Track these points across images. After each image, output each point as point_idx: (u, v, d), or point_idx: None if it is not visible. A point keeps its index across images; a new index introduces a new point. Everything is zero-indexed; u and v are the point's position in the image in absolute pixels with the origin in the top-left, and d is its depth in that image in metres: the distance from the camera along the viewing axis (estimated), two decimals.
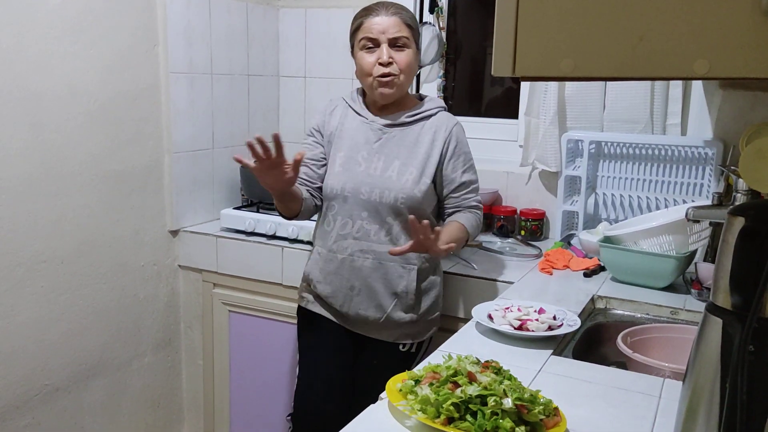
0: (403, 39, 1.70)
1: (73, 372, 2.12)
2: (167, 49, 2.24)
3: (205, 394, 2.52)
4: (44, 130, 1.93)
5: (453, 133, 1.76)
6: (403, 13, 1.73)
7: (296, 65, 2.75)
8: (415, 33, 1.74)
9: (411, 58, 1.72)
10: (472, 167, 1.81)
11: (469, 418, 0.99)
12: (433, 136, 1.76)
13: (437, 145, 1.75)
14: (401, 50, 1.71)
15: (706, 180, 2.10)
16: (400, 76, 1.71)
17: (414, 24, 1.74)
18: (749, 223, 0.79)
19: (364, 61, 1.72)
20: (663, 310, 1.68)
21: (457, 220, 1.75)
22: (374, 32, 1.69)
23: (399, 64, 1.70)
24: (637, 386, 1.22)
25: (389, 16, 1.70)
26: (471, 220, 1.77)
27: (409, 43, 1.72)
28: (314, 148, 1.83)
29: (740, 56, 0.59)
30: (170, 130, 2.30)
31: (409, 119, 1.77)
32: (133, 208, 2.24)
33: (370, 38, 1.70)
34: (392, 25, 1.69)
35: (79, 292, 2.10)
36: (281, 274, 2.25)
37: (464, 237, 1.73)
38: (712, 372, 0.83)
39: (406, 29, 1.71)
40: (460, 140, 1.78)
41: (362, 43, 1.72)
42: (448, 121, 1.78)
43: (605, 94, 2.22)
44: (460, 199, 1.79)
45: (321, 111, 1.87)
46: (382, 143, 1.76)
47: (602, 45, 0.63)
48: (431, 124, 1.77)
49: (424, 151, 1.74)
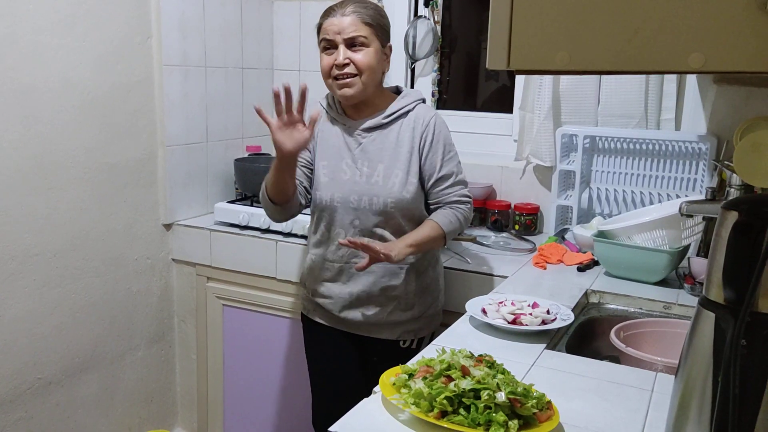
0: (360, 38, 1.65)
1: (66, 366, 2.11)
2: (161, 41, 2.22)
3: (198, 387, 2.52)
4: (36, 123, 1.91)
5: (429, 125, 1.72)
6: (362, 11, 1.66)
7: (291, 58, 2.74)
8: (377, 30, 1.68)
9: (370, 57, 1.67)
10: (453, 159, 1.75)
11: (463, 411, 1.00)
12: (412, 132, 1.72)
13: (417, 142, 1.71)
14: (359, 50, 1.66)
15: (700, 175, 2.11)
16: (360, 76, 1.67)
17: (376, 21, 1.68)
18: (742, 218, 0.79)
19: (323, 63, 1.69)
20: (656, 305, 1.69)
21: (432, 219, 1.72)
22: (330, 33, 1.66)
23: (357, 63, 1.66)
24: (629, 380, 1.23)
25: (345, 15, 1.65)
26: (448, 217, 1.71)
27: (367, 42, 1.66)
28: (306, 154, 1.80)
29: (735, 50, 0.59)
30: (164, 123, 2.28)
31: (386, 120, 1.73)
32: (127, 201, 2.23)
33: (328, 39, 1.67)
34: (348, 24, 1.65)
35: (71, 285, 2.09)
36: (275, 267, 2.24)
37: (436, 235, 1.69)
38: (704, 366, 0.84)
39: (364, 28, 1.66)
40: (437, 131, 1.73)
41: (322, 44, 1.69)
42: (425, 114, 1.74)
43: (600, 89, 2.22)
44: (440, 194, 1.74)
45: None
46: (363, 148, 1.73)
47: (597, 38, 0.63)
48: (410, 120, 1.73)
49: (407, 150, 1.71)
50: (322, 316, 1.85)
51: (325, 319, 1.84)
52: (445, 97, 2.69)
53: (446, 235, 1.72)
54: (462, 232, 1.84)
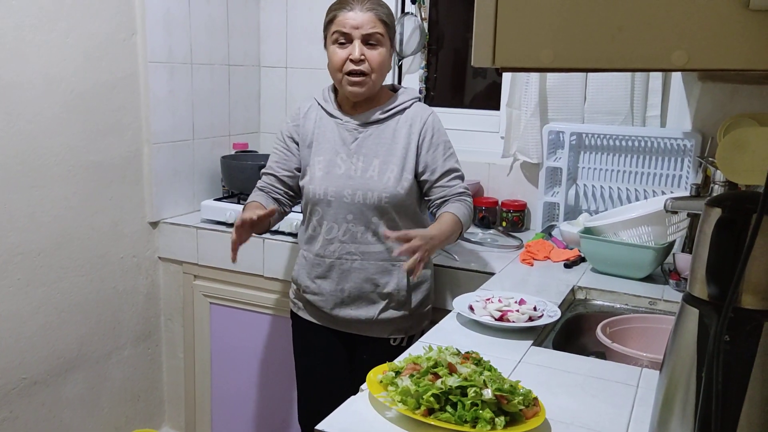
0: (377, 36, 1.66)
1: (52, 365, 2.10)
2: (146, 38, 2.21)
3: (186, 386, 2.50)
4: (20, 121, 1.89)
5: (428, 123, 1.73)
6: (379, 9, 1.67)
7: (277, 55, 2.73)
8: (390, 30, 1.70)
9: (384, 57, 1.68)
10: (453, 156, 1.76)
11: (449, 409, 1.00)
12: (409, 129, 1.72)
13: (414, 139, 1.72)
14: (374, 48, 1.66)
15: (685, 171, 2.12)
16: (371, 75, 1.67)
17: (390, 21, 1.70)
18: (726, 214, 0.79)
19: (335, 56, 1.67)
20: (642, 301, 1.70)
21: (448, 211, 1.69)
22: (347, 27, 1.64)
23: (371, 62, 1.66)
24: (615, 376, 1.23)
25: (364, 11, 1.64)
26: (461, 209, 1.69)
27: (383, 40, 1.67)
28: (287, 159, 1.81)
29: (719, 48, 0.59)
30: (149, 121, 2.27)
31: (383, 116, 1.73)
32: (112, 199, 2.21)
33: (343, 33, 1.65)
34: (367, 21, 1.64)
35: (56, 284, 2.07)
36: (262, 265, 2.23)
37: (458, 230, 1.67)
38: (688, 362, 0.84)
39: (381, 26, 1.66)
40: (436, 130, 1.74)
41: (334, 36, 1.67)
42: (422, 112, 1.75)
43: (586, 86, 2.23)
44: (446, 186, 1.73)
45: (293, 116, 1.83)
46: (359, 143, 1.73)
47: (581, 35, 0.63)
48: (406, 117, 1.74)
49: (402, 146, 1.71)
50: (312, 313, 1.84)
51: (315, 316, 1.84)
52: (433, 94, 2.69)
53: (463, 229, 1.70)
54: (470, 226, 1.81)
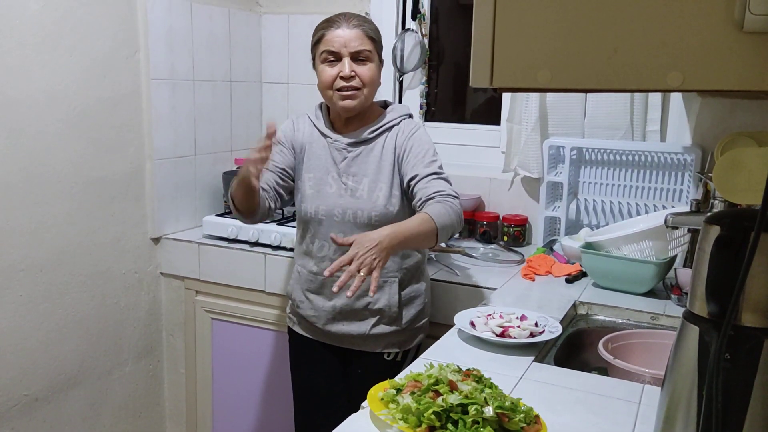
0: (365, 52, 1.67)
1: (53, 382, 2.09)
2: (148, 55, 2.22)
3: (187, 402, 2.50)
4: (23, 137, 1.90)
5: (409, 134, 1.72)
6: (366, 25, 1.69)
7: (279, 71, 2.75)
8: (377, 45, 1.72)
9: (373, 72, 1.69)
10: (435, 162, 1.68)
11: (450, 426, 0.99)
12: (394, 144, 1.73)
13: (398, 152, 1.72)
14: (363, 64, 1.68)
15: (686, 186, 2.13)
16: (363, 89, 1.68)
17: (377, 36, 1.72)
18: (724, 232, 0.80)
19: (325, 75, 1.68)
20: (643, 316, 1.70)
21: (422, 211, 1.59)
22: (336, 45, 1.66)
23: (362, 77, 1.67)
24: (617, 392, 1.23)
25: (351, 28, 1.66)
26: (436, 208, 1.58)
27: (371, 56, 1.69)
28: (279, 153, 1.79)
29: (713, 69, 0.60)
30: (151, 137, 2.28)
31: (371, 135, 1.74)
32: (114, 215, 2.22)
33: (332, 51, 1.67)
34: (354, 38, 1.66)
35: (58, 300, 2.07)
36: (264, 281, 2.23)
37: (429, 228, 1.54)
38: (689, 379, 0.84)
39: (368, 42, 1.68)
40: (416, 140, 1.70)
41: (323, 56, 1.68)
42: (407, 127, 1.74)
43: (586, 102, 2.24)
44: (423, 188, 1.63)
45: (285, 125, 1.84)
46: (348, 162, 1.74)
47: (578, 57, 0.64)
48: (393, 134, 1.74)
49: (389, 163, 1.72)
50: (306, 328, 1.85)
51: (309, 331, 1.84)
52: (434, 110, 2.70)
53: (438, 229, 1.55)
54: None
